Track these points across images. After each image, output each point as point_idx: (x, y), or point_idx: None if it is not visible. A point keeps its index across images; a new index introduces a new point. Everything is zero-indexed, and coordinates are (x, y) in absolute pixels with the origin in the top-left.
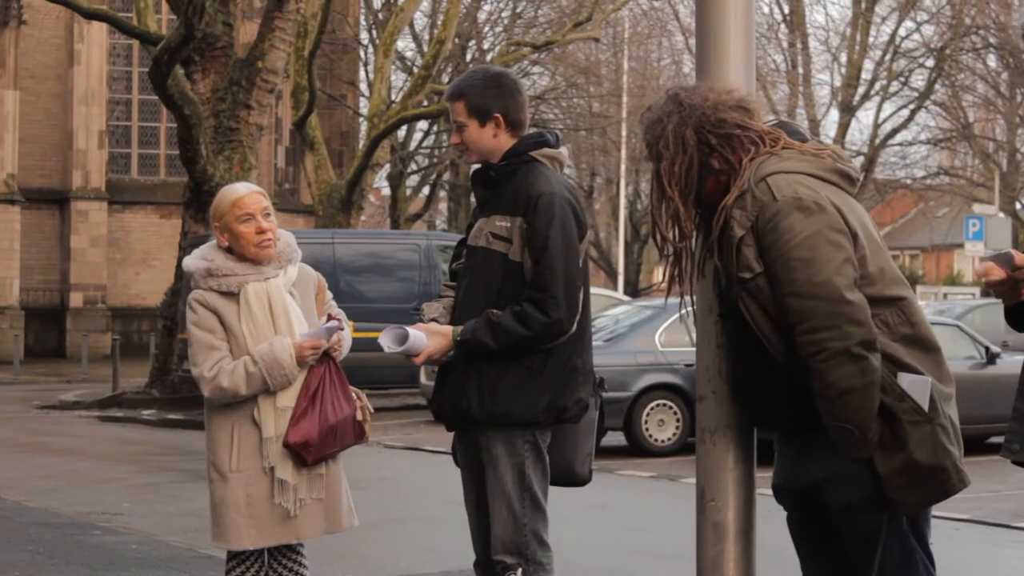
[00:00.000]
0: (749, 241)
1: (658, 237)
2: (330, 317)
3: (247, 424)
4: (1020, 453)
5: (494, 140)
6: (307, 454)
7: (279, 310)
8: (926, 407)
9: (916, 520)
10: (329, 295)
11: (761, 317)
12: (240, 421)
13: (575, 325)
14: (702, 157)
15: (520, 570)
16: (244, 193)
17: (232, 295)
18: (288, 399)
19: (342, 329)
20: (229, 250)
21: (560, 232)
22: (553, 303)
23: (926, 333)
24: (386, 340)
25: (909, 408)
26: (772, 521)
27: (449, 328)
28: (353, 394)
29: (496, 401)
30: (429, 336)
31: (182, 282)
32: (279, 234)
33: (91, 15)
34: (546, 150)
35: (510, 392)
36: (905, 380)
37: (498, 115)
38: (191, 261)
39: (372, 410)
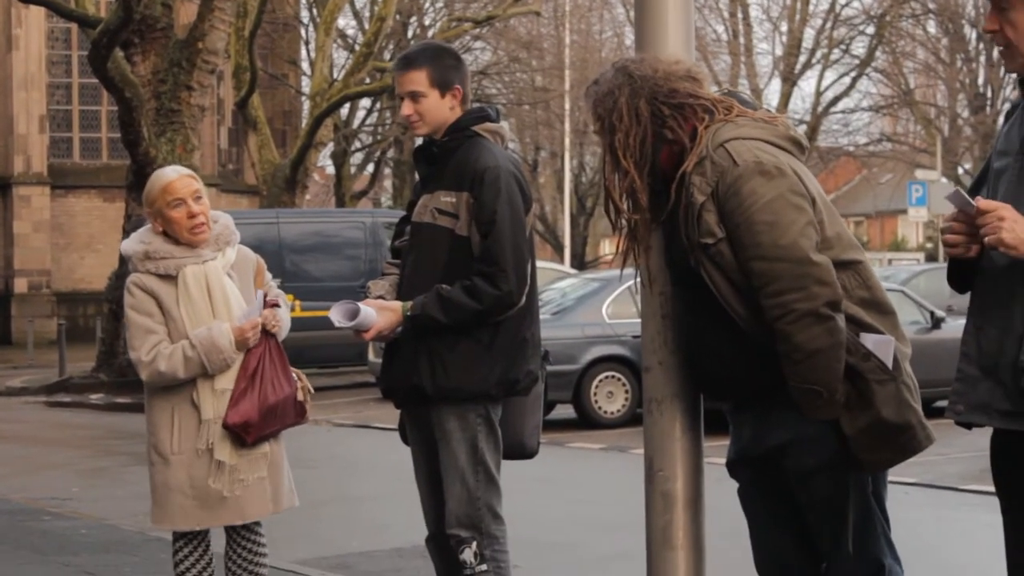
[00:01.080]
0: (710, 207)
1: (612, 210)
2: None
3: (187, 406)
4: (964, 414)
5: (450, 112)
6: (247, 435)
7: (217, 292)
8: (890, 365)
9: (875, 482)
10: (268, 276)
11: (723, 283)
12: (180, 404)
13: (524, 297)
14: (655, 128)
15: (475, 543)
16: (173, 178)
17: (170, 278)
18: (227, 381)
19: (277, 305)
20: (165, 234)
21: (507, 205)
22: (503, 276)
23: (882, 296)
24: (336, 315)
25: (874, 367)
26: (721, 490)
27: (398, 303)
28: (293, 375)
29: (448, 376)
30: (378, 311)
31: (126, 265)
32: (216, 216)
33: None
34: (488, 124)
35: (462, 366)
36: (869, 340)
37: (458, 87)
38: (128, 244)
39: (312, 390)
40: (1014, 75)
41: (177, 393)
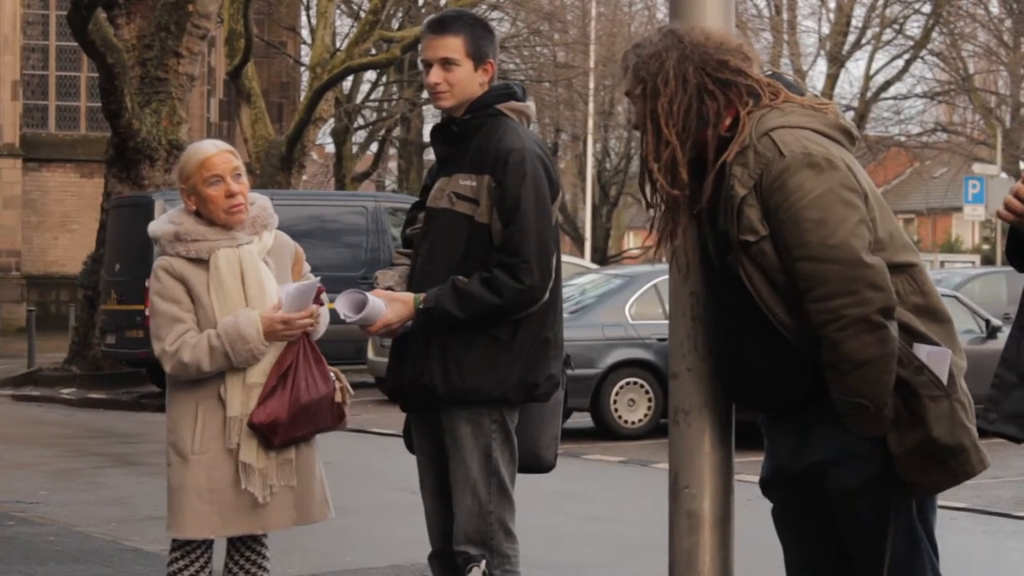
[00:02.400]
0: (752, 201)
1: (648, 185)
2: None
3: (213, 402)
4: (996, 423)
5: (479, 88)
6: (273, 436)
7: (252, 279)
8: (945, 380)
9: (922, 507)
10: (307, 267)
11: (763, 284)
12: (205, 399)
13: (548, 293)
14: (699, 102)
15: (484, 562)
16: (212, 152)
17: (202, 262)
18: (258, 375)
19: (321, 304)
20: (198, 214)
21: (532, 191)
22: (526, 268)
23: (937, 303)
24: (342, 306)
25: (927, 382)
26: (753, 510)
27: (410, 295)
28: (332, 374)
29: (463, 377)
30: (388, 303)
31: (104, 248)
32: (254, 198)
33: None
34: (513, 103)
35: (478, 367)
36: (923, 351)
37: (491, 62)
38: (157, 225)
39: (352, 392)
40: None
41: (202, 387)
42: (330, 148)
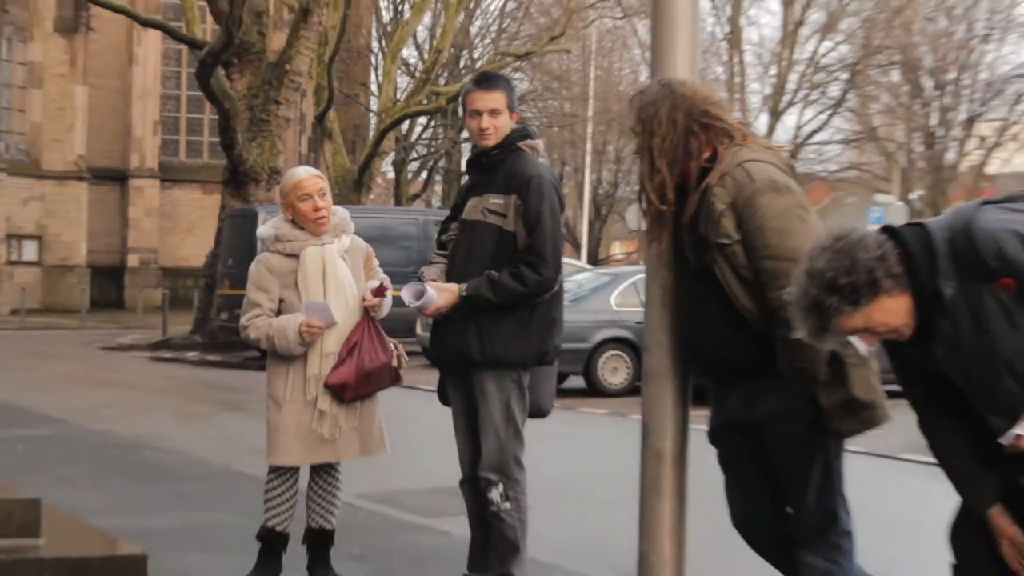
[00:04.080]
0: (728, 215)
1: (643, 200)
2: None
3: (300, 363)
4: None
5: (509, 131)
6: (344, 394)
7: (331, 271)
8: (864, 354)
9: (836, 449)
10: (376, 262)
11: (732, 278)
12: (295, 361)
13: (558, 284)
14: (686, 139)
15: (501, 485)
16: (304, 177)
17: (294, 257)
18: (333, 345)
19: (383, 295)
20: (293, 222)
21: (548, 208)
22: (544, 265)
23: None
24: (407, 295)
25: (852, 353)
26: (700, 451)
27: (455, 285)
28: (391, 344)
29: (495, 347)
30: (439, 292)
31: (220, 247)
32: (335, 210)
33: (147, 23)
34: (529, 141)
35: (506, 339)
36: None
37: (518, 112)
38: (263, 229)
39: (407, 358)
40: (963, 117)
41: None
42: (391, 175)
